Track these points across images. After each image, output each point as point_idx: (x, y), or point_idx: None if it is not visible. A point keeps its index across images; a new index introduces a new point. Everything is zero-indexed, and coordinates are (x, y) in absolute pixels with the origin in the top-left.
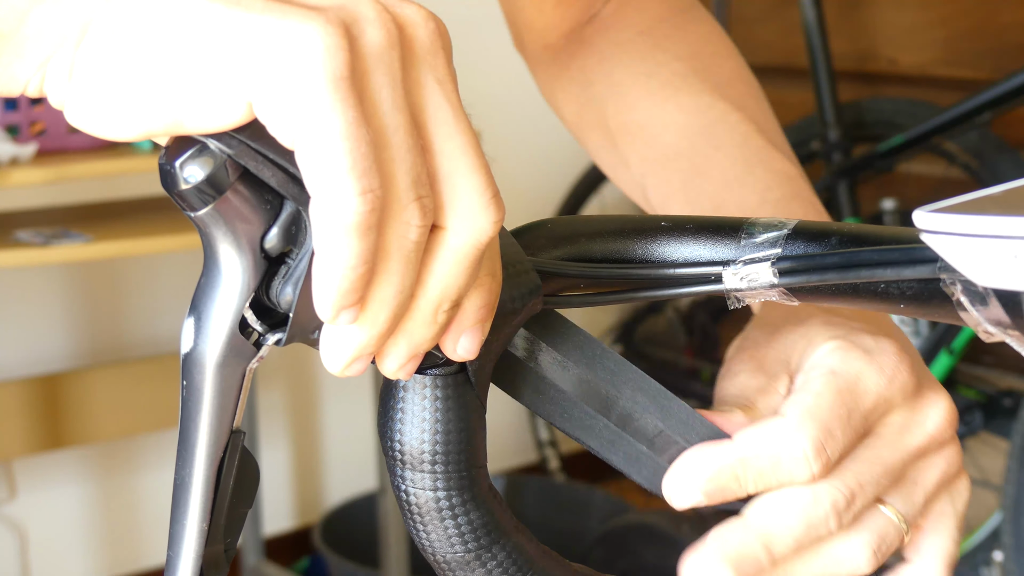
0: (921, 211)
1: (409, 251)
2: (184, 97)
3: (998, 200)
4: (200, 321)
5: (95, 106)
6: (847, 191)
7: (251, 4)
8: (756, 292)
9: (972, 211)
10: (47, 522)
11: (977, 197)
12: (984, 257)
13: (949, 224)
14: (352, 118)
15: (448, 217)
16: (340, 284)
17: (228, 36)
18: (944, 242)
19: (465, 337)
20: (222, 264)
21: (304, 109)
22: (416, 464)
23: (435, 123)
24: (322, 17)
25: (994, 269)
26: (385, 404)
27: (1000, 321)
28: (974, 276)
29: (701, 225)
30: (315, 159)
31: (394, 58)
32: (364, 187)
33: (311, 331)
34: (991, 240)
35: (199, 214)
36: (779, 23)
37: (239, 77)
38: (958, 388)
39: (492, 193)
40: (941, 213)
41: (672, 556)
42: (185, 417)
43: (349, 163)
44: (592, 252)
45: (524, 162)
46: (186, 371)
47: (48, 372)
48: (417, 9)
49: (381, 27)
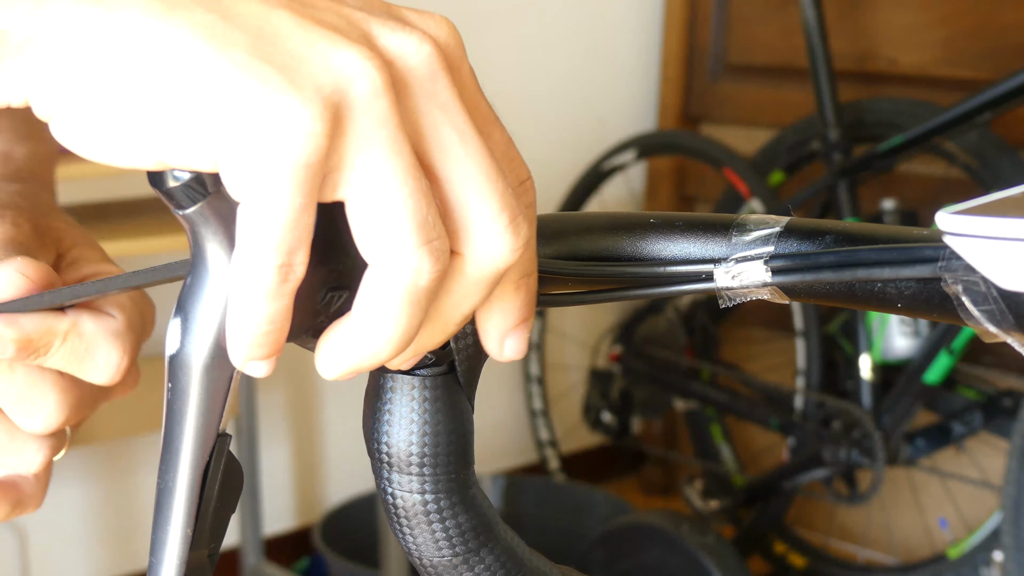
0: (944, 213)
1: (419, 296)
2: (165, 137)
3: (1019, 201)
4: (186, 322)
5: (80, 130)
6: (847, 191)
7: (236, 53)
8: (748, 290)
9: (994, 213)
10: (47, 522)
11: (998, 199)
12: (1010, 260)
13: (973, 226)
14: (299, 206)
15: (464, 244)
16: (250, 339)
17: (207, 88)
18: (968, 245)
19: (511, 339)
20: (209, 264)
21: (258, 187)
22: (403, 466)
23: (441, 152)
24: (305, 91)
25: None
26: (371, 405)
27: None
28: (998, 279)
29: (690, 222)
30: (247, 230)
31: (383, 105)
32: (280, 262)
33: (304, 332)
34: (1018, 243)
35: (187, 212)
36: (779, 23)
37: (210, 135)
38: (958, 388)
39: (509, 218)
40: (965, 215)
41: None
42: (170, 420)
43: (274, 243)
44: (581, 250)
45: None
46: (171, 373)
47: None
48: (408, 36)
49: (368, 80)
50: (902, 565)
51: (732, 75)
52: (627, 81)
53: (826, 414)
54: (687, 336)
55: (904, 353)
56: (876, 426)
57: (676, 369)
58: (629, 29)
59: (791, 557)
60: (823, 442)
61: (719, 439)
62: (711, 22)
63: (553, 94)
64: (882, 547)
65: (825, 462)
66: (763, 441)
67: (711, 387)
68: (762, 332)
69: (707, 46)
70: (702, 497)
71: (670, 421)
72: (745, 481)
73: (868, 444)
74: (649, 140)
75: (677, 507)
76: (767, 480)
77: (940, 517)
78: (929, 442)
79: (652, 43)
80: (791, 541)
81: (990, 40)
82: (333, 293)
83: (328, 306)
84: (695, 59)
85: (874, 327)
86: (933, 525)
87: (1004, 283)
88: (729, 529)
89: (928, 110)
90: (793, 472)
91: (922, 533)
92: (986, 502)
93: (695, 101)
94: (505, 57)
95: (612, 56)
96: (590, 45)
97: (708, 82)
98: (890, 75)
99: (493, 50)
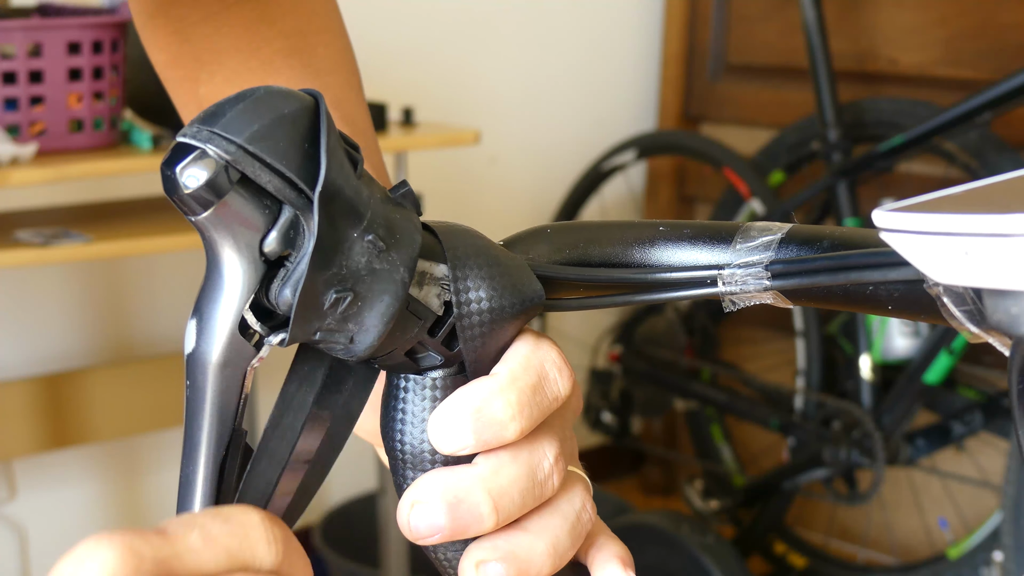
0: (880, 210)
1: None
2: None
3: (958, 199)
4: (202, 323)
5: None
6: (847, 191)
7: None
8: (751, 295)
9: (930, 210)
10: (47, 522)
11: (939, 196)
12: (937, 254)
13: (903, 222)
14: None
15: None
16: None
17: None
18: (900, 239)
19: None
20: (223, 267)
21: None
22: (418, 464)
23: None
24: None
25: (947, 266)
26: (386, 405)
27: (982, 322)
28: (931, 273)
29: (698, 230)
30: None
31: None
32: None
33: (312, 332)
34: (942, 237)
35: (199, 218)
36: (779, 23)
37: None
38: (958, 388)
39: None
40: (897, 212)
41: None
42: (189, 416)
43: None
44: (591, 257)
45: (524, 162)
46: (189, 371)
47: (48, 372)
48: None
49: None
50: (902, 565)
51: (732, 75)
52: (627, 81)
53: (826, 414)
54: (687, 336)
55: (904, 353)
56: (876, 426)
57: (676, 369)
58: (629, 29)
59: (791, 557)
60: (823, 442)
61: (719, 439)
62: (711, 22)
63: (553, 94)
64: (882, 547)
65: (825, 462)
66: (763, 441)
67: (711, 387)
68: (762, 332)
69: (707, 46)
70: (702, 497)
71: (670, 421)
72: (745, 481)
73: (868, 444)
74: (649, 140)
75: (677, 507)
76: (767, 480)
77: (940, 517)
78: (929, 442)
79: (652, 43)
80: (791, 541)
81: (990, 40)
82: (339, 295)
83: (335, 307)
84: (695, 59)
85: (874, 327)
86: (933, 525)
87: (939, 277)
88: (729, 529)
89: (928, 110)
90: (793, 472)
91: (922, 533)
92: (986, 502)
93: (695, 101)
94: (505, 57)
95: (612, 56)
96: (590, 45)
97: (708, 82)
98: (890, 75)
99: (493, 50)
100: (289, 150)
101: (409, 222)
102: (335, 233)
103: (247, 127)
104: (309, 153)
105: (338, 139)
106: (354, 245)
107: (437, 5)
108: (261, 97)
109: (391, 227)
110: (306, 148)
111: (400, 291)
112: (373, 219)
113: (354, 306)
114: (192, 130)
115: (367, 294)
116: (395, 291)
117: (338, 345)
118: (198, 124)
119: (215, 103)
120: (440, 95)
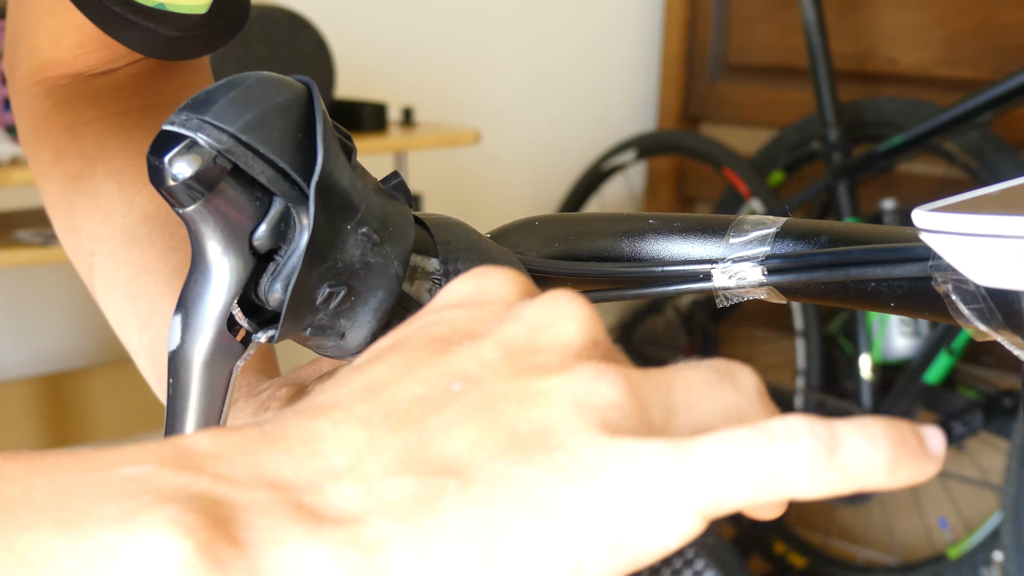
0: (920, 210)
1: None
2: None
3: (997, 199)
4: (187, 319)
5: None
6: (847, 191)
7: None
8: (745, 290)
9: (971, 210)
10: None
11: (976, 196)
12: (985, 256)
13: (949, 223)
14: None
15: None
16: None
17: None
18: (944, 241)
19: None
20: (210, 261)
21: None
22: None
23: None
24: None
25: (995, 269)
26: None
27: (993, 320)
28: (974, 276)
29: (689, 223)
30: None
31: None
32: None
33: (303, 328)
34: (992, 239)
35: (187, 211)
36: (779, 23)
37: None
38: (958, 388)
39: None
40: (941, 212)
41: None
42: (170, 416)
43: None
44: (581, 251)
45: (524, 162)
46: (172, 369)
47: (48, 372)
48: None
49: None
50: (902, 565)
51: (732, 75)
52: (627, 81)
53: (826, 414)
54: (687, 336)
55: (904, 353)
56: None
57: None
58: (629, 29)
59: (791, 557)
60: None
61: None
62: (711, 22)
63: (553, 94)
64: (882, 547)
65: None
66: None
67: None
68: (762, 332)
69: (707, 46)
70: None
71: None
72: None
73: None
74: (649, 140)
75: None
76: None
77: (940, 517)
78: None
79: (652, 43)
80: (791, 541)
81: (990, 40)
82: (332, 289)
83: (328, 302)
84: (695, 59)
85: (874, 327)
86: (933, 525)
87: (981, 279)
88: (729, 529)
89: (928, 110)
90: None
91: (922, 533)
92: (986, 502)
93: (695, 101)
94: (505, 57)
95: (612, 56)
96: (590, 45)
97: (708, 82)
98: (890, 75)
99: (493, 50)
100: (283, 140)
101: (402, 215)
102: (330, 226)
103: (240, 116)
104: (303, 143)
105: (332, 128)
106: (348, 238)
107: (437, 5)
108: (253, 84)
109: (385, 220)
110: (299, 138)
111: (394, 285)
112: (367, 212)
113: (347, 301)
114: (180, 118)
115: (360, 288)
116: (388, 285)
117: (328, 343)
118: (187, 112)
119: (204, 89)
120: (440, 95)
